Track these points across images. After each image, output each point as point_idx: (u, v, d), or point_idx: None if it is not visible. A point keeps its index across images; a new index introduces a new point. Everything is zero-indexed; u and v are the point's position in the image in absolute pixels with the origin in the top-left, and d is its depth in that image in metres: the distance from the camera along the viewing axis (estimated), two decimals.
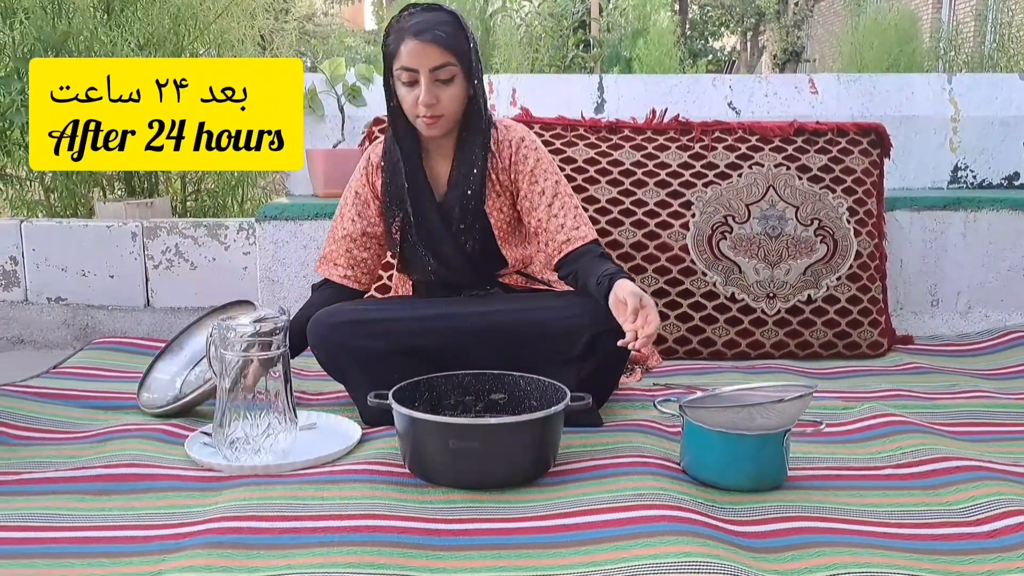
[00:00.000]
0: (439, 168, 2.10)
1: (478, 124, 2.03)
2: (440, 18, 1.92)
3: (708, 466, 1.69)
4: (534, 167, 2.06)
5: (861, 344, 2.63)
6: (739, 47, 22.25)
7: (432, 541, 1.45)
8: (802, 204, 2.67)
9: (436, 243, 2.09)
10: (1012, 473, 1.68)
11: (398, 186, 2.06)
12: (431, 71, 1.91)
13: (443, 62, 1.91)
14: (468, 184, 2.04)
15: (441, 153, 2.09)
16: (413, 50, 1.90)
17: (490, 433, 1.67)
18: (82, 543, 1.45)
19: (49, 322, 2.93)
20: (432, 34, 1.89)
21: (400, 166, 2.05)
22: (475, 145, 2.03)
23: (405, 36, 1.91)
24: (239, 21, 3.53)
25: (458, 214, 2.06)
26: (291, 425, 1.80)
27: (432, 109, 1.93)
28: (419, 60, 1.90)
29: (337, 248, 2.14)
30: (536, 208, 2.05)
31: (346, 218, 2.13)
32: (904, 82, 3.38)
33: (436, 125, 1.96)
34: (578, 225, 2.03)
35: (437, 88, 1.92)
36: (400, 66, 1.92)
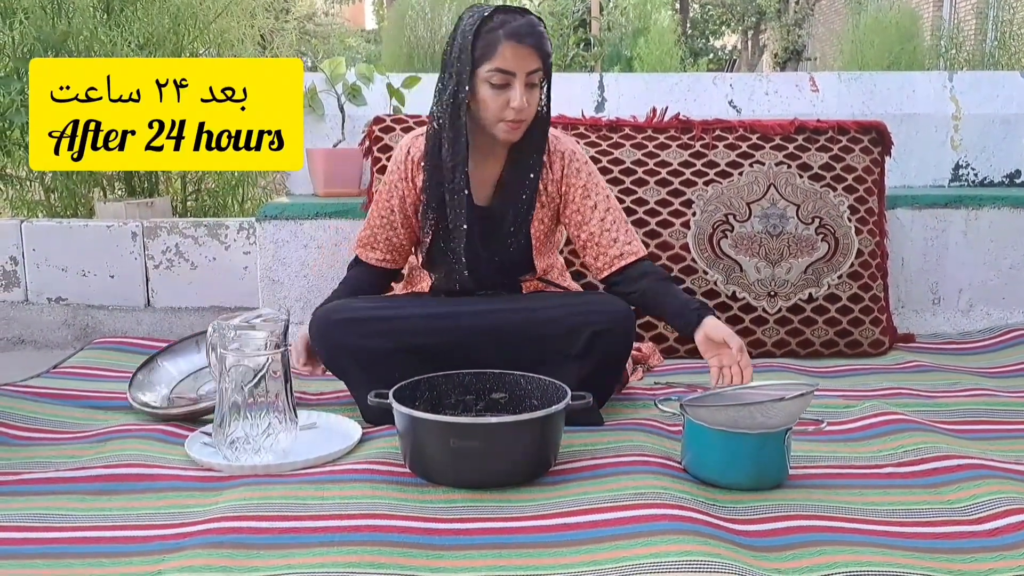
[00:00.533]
0: (484, 172, 2.05)
1: (542, 131, 2.02)
2: (535, 23, 1.91)
3: (708, 465, 1.69)
4: (586, 182, 2.07)
5: (862, 342, 2.63)
6: (740, 46, 22.24)
7: (432, 540, 1.45)
8: (803, 202, 2.67)
9: (471, 249, 2.04)
10: (1013, 471, 1.68)
11: (438, 188, 2.01)
12: (527, 75, 1.89)
13: (537, 67, 1.89)
14: (523, 191, 2.03)
15: (491, 157, 2.05)
16: (513, 53, 1.87)
17: (491, 432, 1.67)
18: (82, 543, 1.45)
19: (49, 322, 2.93)
20: (534, 39, 1.88)
21: (445, 168, 1.98)
22: (532, 152, 2.02)
23: (504, 38, 1.87)
24: (239, 21, 3.53)
25: (510, 220, 2.04)
26: (291, 425, 1.80)
27: (522, 113, 1.91)
28: (518, 64, 1.87)
29: (375, 234, 2.14)
30: (588, 222, 2.07)
31: (383, 206, 2.11)
32: (905, 80, 3.37)
33: (519, 129, 1.95)
34: (630, 240, 2.06)
35: (528, 92, 1.90)
36: (494, 67, 1.88)
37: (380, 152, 2.79)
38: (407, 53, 5.95)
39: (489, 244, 2.05)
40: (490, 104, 1.91)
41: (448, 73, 1.95)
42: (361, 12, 23.05)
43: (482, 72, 1.90)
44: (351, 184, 3.00)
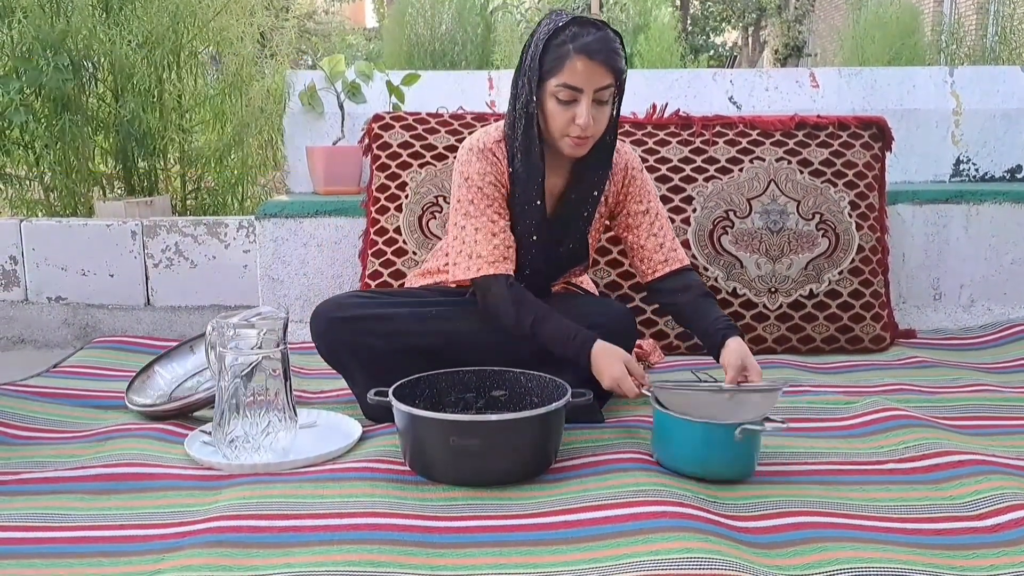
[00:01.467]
0: (551, 184, 2.02)
1: (609, 147, 1.98)
2: (609, 39, 1.83)
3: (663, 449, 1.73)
4: (640, 188, 2.08)
5: (863, 338, 2.62)
6: (740, 42, 22.23)
7: (432, 539, 1.45)
8: (804, 198, 2.66)
9: (534, 257, 2.03)
10: (1015, 467, 1.67)
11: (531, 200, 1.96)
12: (595, 92, 1.83)
13: (607, 84, 1.83)
14: (586, 207, 2.02)
15: (557, 168, 2.01)
16: (583, 69, 1.81)
17: (491, 430, 1.66)
18: (81, 543, 1.45)
19: (49, 321, 2.93)
20: (606, 55, 1.81)
21: (519, 178, 1.95)
22: (599, 167, 1.99)
23: (573, 52, 1.81)
24: (238, 19, 3.52)
25: (572, 232, 2.03)
26: (291, 423, 1.79)
27: (587, 131, 1.86)
28: (587, 80, 1.81)
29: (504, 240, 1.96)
30: (638, 227, 2.07)
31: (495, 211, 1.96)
32: (905, 75, 3.37)
33: (584, 145, 1.90)
34: (675, 247, 2.07)
35: (595, 109, 1.85)
36: (562, 82, 1.82)
37: (379, 150, 2.78)
38: (407, 51, 5.95)
39: (548, 250, 2.04)
40: (556, 118, 1.87)
41: (521, 81, 1.92)
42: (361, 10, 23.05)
43: (550, 86, 1.85)
44: (351, 182, 3.00)
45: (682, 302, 2.02)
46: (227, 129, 3.56)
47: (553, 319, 1.90)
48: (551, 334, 1.89)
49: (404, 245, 2.65)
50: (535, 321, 1.89)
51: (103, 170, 3.54)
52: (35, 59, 3.12)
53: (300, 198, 2.95)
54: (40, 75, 3.09)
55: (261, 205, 2.84)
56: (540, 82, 1.86)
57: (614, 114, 1.93)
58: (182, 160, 3.57)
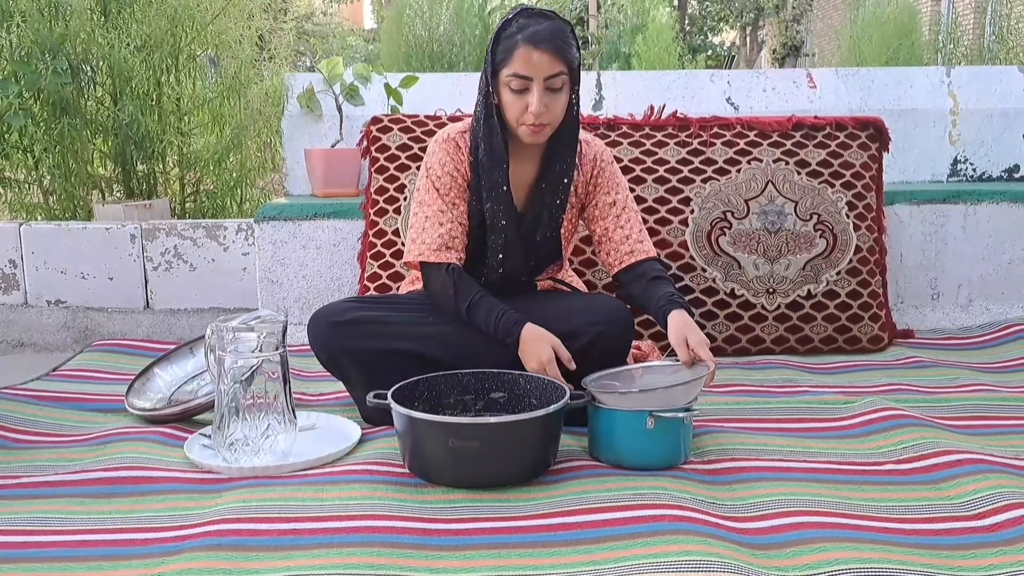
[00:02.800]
0: (519, 174, 2.06)
1: (572, 134, 2.02)
2: (557, 27, 1.90)
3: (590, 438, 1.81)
4: (609, 179, 2.10)
5: (862, 338, 2.63)
6: (738, 42, 22.22)
7: (431, 541, 1.45)
8: (801, 199, 2.66)
9: (508, 249, 2.06)
10: (1013, 466, 1.68)
11: (489, 188, 2.01)
12: (545, 80, 1.88)
13: (557, 71, 1.88)
14: (557, 195, 2.04)
15: (525, 158, 2.05)
16: (529, 58, 1.86)
17: (490, 432, 1.67)
18: (81, 546, 1.45)
19: (49, 325, 2.93)
20: (550, 43, 1.87)
21: (483, 166, 2.00)
22: (566, 155, 2.02)
23: (520, 42, 1.87)
24: (236, 22, 3.52)
25: (544, 222, 2.05)
26: (290, 426, 1.80)
27: (540, 118, 1.91)
28: (534, 68, 1.87)
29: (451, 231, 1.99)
30: (604, 218, 2.09)
31: (447, 201, 2.01)
32: (902, 75, 3.37)
33: (541, 133, 1.95)
34: (641, 239, 2.08)
35: (548, 97, 1.90)
36: (512, 72, 1.89)
37: (378, 152, 2.78)
38: (405, 53, 5.94)
39: (522, 242, 2.07)
40: (511, 107, 1.93)
41: (483, 74, 1.98)
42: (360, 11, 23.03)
43: (503, 76, 1.91)
44: (349, 184, 3.00)
45: (637, 290, 2.04)
46: (226, 132, 3.56)
47: (487, 303, 1.94)
48: (484, 317, 1.93)
49: (402, 247, 2.65)
50: (470, 305, 1.94)
51: (102, 173, 3.54)
52: (34, 63, 3.11)
53: (299, 201, 2.95)
54: (39, 79, 3.09)
55: (260, 208, 2.84)
56: (495, 73, 1.93)
57: (573, 102, 1.97)
58: (181, 163, 3.57)
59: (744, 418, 2.01)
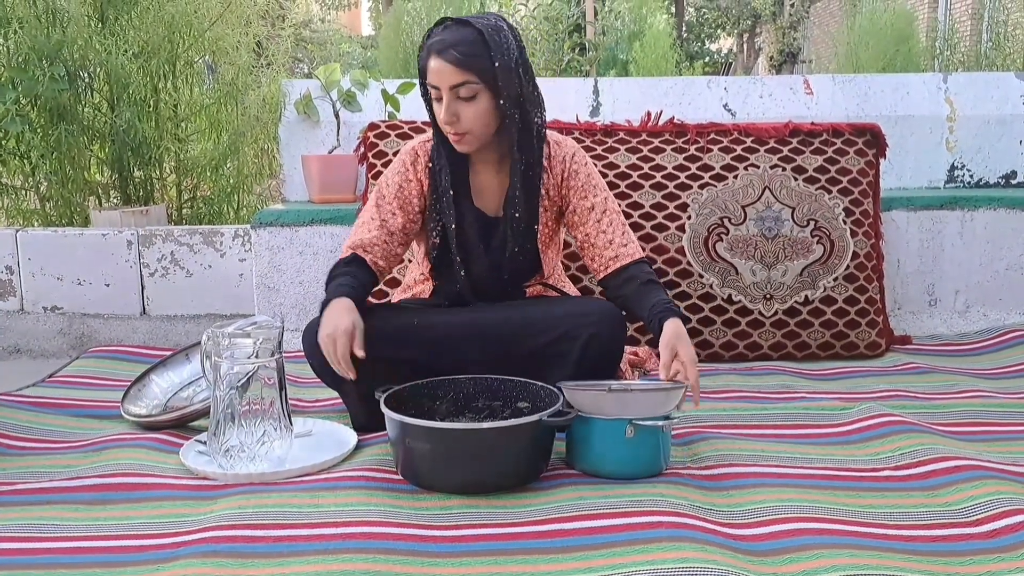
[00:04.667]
0: (486, 180, 2.07)
1: (528, 142, 1.99)
2: (462, 36, 1.88)
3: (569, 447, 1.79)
4: (585, 182, 2.08)
5: (859, 345, 2.63)
6: (736, 49, 22.28)
7: (427, 548, 1.44)
8: (798, 205, 2.66)
9: (471, 258, 2.07)
10: (1011, 472, 1.68)
11: (441, 194, 2.03)
12: (451, 89, 1.89)
13: (461, 80, 1.88)
14: (525, 200, 2.02)
15: (487, 165, 2.06)
16: (434, 68, 1.88)
17: (482, 437, 1.66)
18: (76, 553, 1.45)
19: (45, 331, 2.93)
20: (449, 53, 1.86)
21: (434, 172, 2.03)
22: (527, 164, 2.01)
23: (430, 53, 1.89)
24: (233, 28, 3.52)
25: (512, 235, 2.04)
26: (286, 432, 1.79)
27: (454, 127, 1.91)
28: (439, 78, 1.89)
29: (374, 238, 2.01)
30: (585, 223, 2.07)
31: (385, 210, 2.04)
32: (899, 82, 3.38)
33: (463, 141, 1.95)
34: (626, 242, 2.06)
35: (458, 105, 1.90)
36: (427, 83, 1.92)
37: (375, 158, 2.78)
38: (403, 59, 5.95)
39: (496, 253, 2.06)
40: (436, 115, 1.95)
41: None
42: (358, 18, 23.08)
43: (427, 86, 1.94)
44: (346, 190, 3.00)
45: (626, 294, 2.02)
46: (223, 138, 3.56)
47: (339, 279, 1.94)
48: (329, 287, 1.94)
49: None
50: (330, 279, 1.97)
51: (99, 179, 3.53)
52: (31, 69, 3.11)
53: (296, 207, 2.95)
54: (36, 85, 3.09)
55: (257, 214, 2.84)
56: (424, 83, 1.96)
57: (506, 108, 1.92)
58: (178, 169, 3.57)
59: (741, 424, 2.01)
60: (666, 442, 1.75)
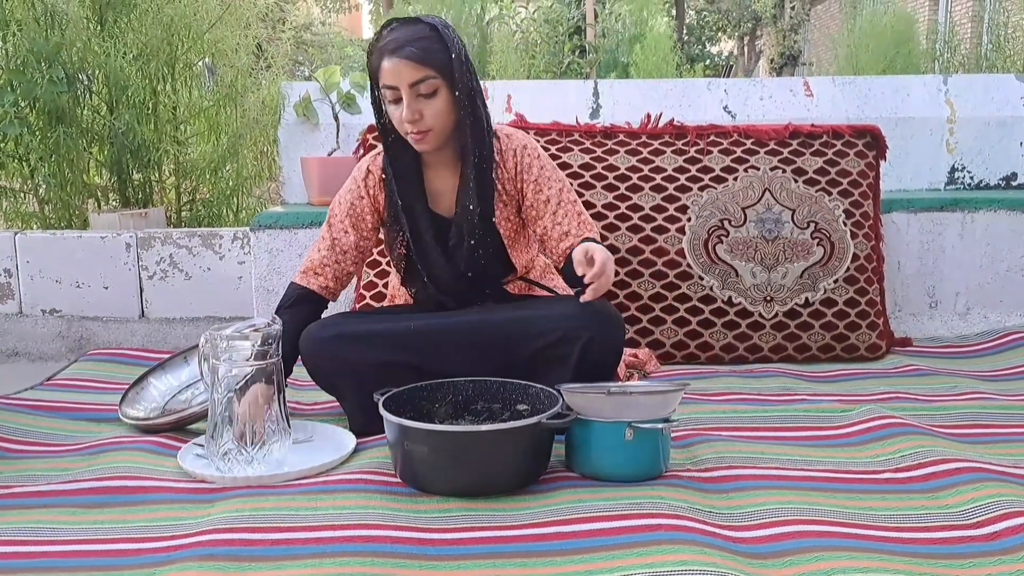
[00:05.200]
0: (443, 182, 2.07)
1: (480, 135, 2.00)
2: (415, 33, 1.89)
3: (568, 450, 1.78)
4: (538, 175, 2.07)
5: (859, 347, 2.62)
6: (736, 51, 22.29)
7: (426, 551, 1.44)
8: (798, 207, 2.66)
9: (430, 261, 2.07)
10: (1012, 475, 1.67)
11: (395, 203, 2.04)
12: (410, 87, 1.89)
13: (421, 76, 1.88)
14: (476, 198, 2.02)
15: (444, 166, 2.06)
16: (390, 68, 1.88)
17: (480, 440, 1.66)
18: (74, 556, 1.44)
19: (44, 334, 2.92)
20: (405, 51, 1.87)
21: (387, 179, 2.05)
22: (480, 158, 2.01)
23: (383, 54, 1.89)
24: (233, 30, 3.52)
25: (467, 229, 2.03)
26: (284, 435, 1.79)
27: (417, 125, 1.91)
28: (397, 77, 1.88)
29: (324, 259, 2.08)
30: (542, 217, 2.07)
31: (337, 229, 2.09)
32: (899, 84, 3.37)
33: (424, 140, 1.95)
34: (581, 232, 2.05)
35: (420, 103, 1.90)
36: (383, 84, 1.91)
37: None
38: None
39: (458, 253, 2.06)
40: (393, 118, 1.95)
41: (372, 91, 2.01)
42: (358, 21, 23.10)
43: (381, 89, 1.94)
44: None
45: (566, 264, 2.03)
46: (222, 140, 3.55)
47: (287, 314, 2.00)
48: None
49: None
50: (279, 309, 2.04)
51: (98, 182, 3.53)
52: (30, 72, 3.11)
53: (295, 209, 2.95)
54: (35, 88, 3.09)
55: (256, 216, 2.84)
56: (377, 88, 1.96)
57: (461, 101, 1.94)
58: (177, 172, 3.57)
59: (741, 426, 2.00)
60: (665, 444, 1.74)
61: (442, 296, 2.10)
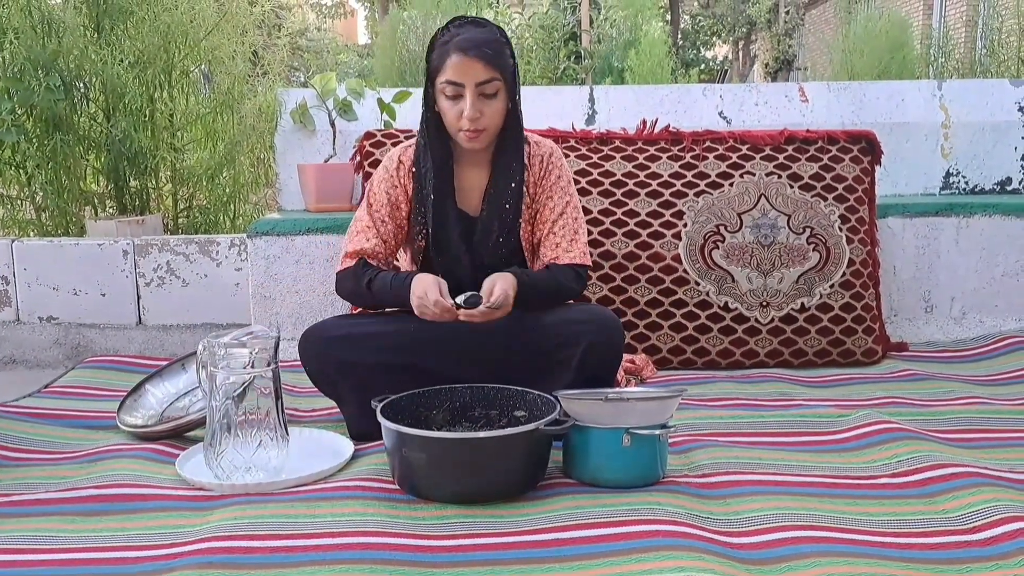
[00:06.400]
0: (471, 180, 2.08)
1: (516, 138, 2.05)
2: (487, 34, 1.94)
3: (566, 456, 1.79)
4: (555, 183, 2.10)
5: (855, 351, 2.63)
6: (731, 56, 22.32)
7: (425, 558, 1.44)
8: (794, 212, 2.67)
9: (449, 256, 2.07)
10: (1008, 480, 1.68)
11: (425, 196, 2.05)
12: (477, 86, 1.92)
13: (489, 77, 1.92)
14: (507, 198, 2.05)
15: (475, 164, 2.08)
16: (459, 65, 1.91)
17: (478, 447, 1.66)
18: (73, 565, 1.44)
19: (41, 341, 2.92)
20: (479, 51, 1.90)
21: (421, 174, 2.05)
22: (512, 159, 2.04)
23: (452, 50, 1.91)
24: (230, 37, 3.52)
25: (497, 229, 2.06)
26: (282, 442, 1.79)
27: (476, 123, 1.94)
28: (465, 75, 1.91)
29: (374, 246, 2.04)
30: (544, 222, 2.10)
31: (377, 219, 2.07)
32: (894, 89, 3.38)
33: (478, 139, 1.98)
34: (570, 249, 2.07)
35: (481, 103, 1.93)
36: (445, 80, 1.93)
37: (371, 167, 2.79)
38: (399, 67, 5.96)
39: (479, 251, 2.07)
40: (448, 114, 1.97)
41: (424, 84, 2.02)
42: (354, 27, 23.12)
43: (438, 84, 1.96)
44: (342, 199, 3.00)
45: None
46: (219, 147, 3.55)
47: (383, 274, 1.99)
48: (380, 286, 1.97)
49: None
50: (370, 281, 1.99)
51: (95, 189, 3.53)
52: (27, 79, 3.11)
53: (292, 216, 2.95)
54: (32, 95, 3.09)
55: (253, 223, 2.84)
56: (432, 81, 1.98)
57: (512, 107, 2.00)
58: (174, 179, 3.57)
59: (738, 432, 2.01)
60: (663, 450, 1.74)
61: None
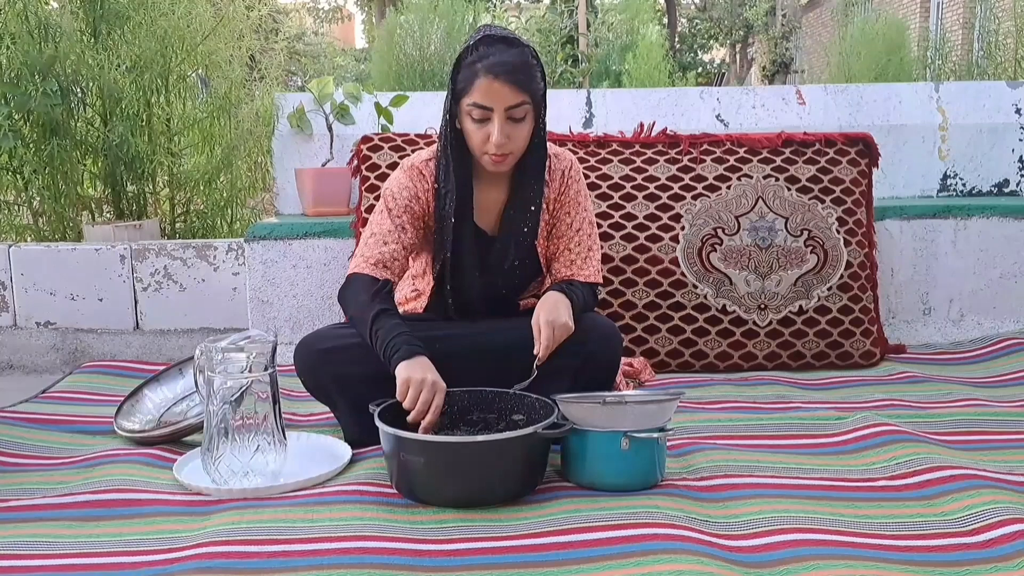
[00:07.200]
0: (490, 198, 2.04)
1: (540, 159, 2.00)
2: (519, 57, 1.86)
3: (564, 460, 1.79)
4: (573, 198, 2.08)
5: (854, 354, 2.63)
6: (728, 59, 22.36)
7: (423, 562, 1.44)
8: (792, 215, 2.67)
9: (464, 274, 2.04)
10: (1007, 482, 1.67)
11: (446, 216, 1.99)
12: (506, 110, 1.86)
13: (519, 102, 1.86)
14: (526, 221, 2.02)
15: (493, 184, 2.03)
16: (489, 88, 1.84)
17: (476, 450, 1.66)
18: (70, 570, 1.44)
19: (38, 346, 2.91)
20: (512, 76, 1.83)
21: (451, 197, 1.98)
22: (534, 180, 2.01)
23: (481, 72, 1.84)
24: (227, 42, 3.52)
25: (512, 250, 2.03)
26: (280, 447, 1.78)
27: (502, 148, 1.89)
28: (495, 99, 1.84)
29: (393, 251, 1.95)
30: (561, 236, 2.08)
31: (397, 224, 1.97)
32: (891, 91, 3.39)
33: (504, 162, 1.92)
34: (584, 266, 2.06)
35: (509, 127, 1.88)
36: (472, 102, 1.86)
37: (368, 171, 2.78)
38: (396, 72, 5.96)
39: (492, 271, 2.05)
40: (473, 136, 1.91)
41: (446, 100, 1.95)
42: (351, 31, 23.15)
43: (464, 104, 1.89)
44: (340, 203, 3.00)
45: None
46: (216, 152, 3.55)
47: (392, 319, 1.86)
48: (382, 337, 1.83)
49: None
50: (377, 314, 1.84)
51: (92, 194, 3.53)
52: (23, 84, 3.11)
53: (289, 220, 2.95)
54: (29, 100, 3.09)
55: (250, 227, 2.84)
56: (456, 100, 1.90)
57: (539, 128, 1.95)
58: (171, 183, 3.57)
59: (737, 435, 2.01)
60: (661, 454, 1.74)
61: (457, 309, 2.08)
